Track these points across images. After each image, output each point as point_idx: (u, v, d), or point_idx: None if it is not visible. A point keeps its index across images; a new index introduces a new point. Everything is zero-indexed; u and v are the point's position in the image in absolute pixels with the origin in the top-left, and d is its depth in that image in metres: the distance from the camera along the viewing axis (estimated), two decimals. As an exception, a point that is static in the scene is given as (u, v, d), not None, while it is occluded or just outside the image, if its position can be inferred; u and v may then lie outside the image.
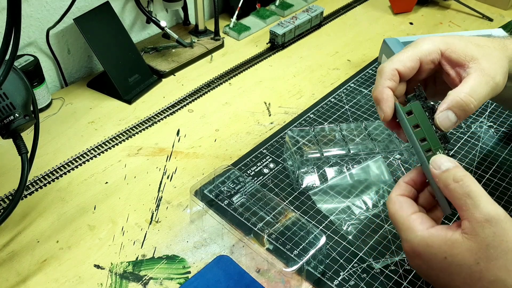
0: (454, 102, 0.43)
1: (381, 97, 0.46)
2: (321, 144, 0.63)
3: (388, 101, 0.45)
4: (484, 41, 0.48)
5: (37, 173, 0.65)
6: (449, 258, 0.40)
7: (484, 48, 0.47)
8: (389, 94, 0.46)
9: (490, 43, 0.48)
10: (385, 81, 0.46)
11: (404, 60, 0.46)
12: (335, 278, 0.52)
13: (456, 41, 0.47)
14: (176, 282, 0.52)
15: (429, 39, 0.48)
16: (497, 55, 0.47)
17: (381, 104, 0.46)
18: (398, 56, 0.47)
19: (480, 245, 0.39)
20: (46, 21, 0.78)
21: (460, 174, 0.41)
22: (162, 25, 0.86)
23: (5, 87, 0.51)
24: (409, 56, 0.46)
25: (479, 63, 0.45)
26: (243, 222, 0.55)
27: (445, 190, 0.42)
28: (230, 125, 0.75)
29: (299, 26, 0.95)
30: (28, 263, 0.54)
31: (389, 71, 0.46)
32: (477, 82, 0.43)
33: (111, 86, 0.79)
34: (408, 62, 0.46)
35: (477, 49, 0.46)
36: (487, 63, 0.45)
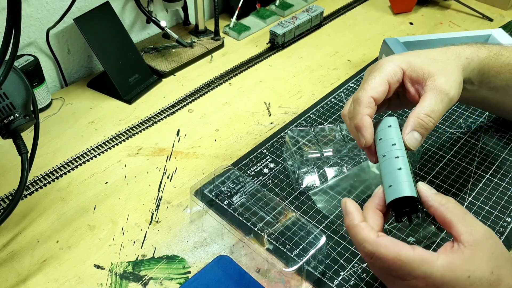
0: (416, 123, 0.48)
1: (362, 125, 0.48)
2: (321, 144, 0.63)
3: (369, 128, 0.48)
4: (439, 55, 0.52)
5: (37, 173, 0.65)
6: (472, 275, 0.40)
7: (439, 62, 0.51)
8: (369, 121, 0.48)
9: (444, 56, 0.52)
10: (364, 109, 0.48)
11: (377, 87, 0.49)
12: (335, 278, 0.52)
13: (414, 59, 0.51)
14: (176, 282, 0.52)
15: (391, 60, 0.51)
16: (451, 67, 0.51)
17: (362, 131, 0.48)
18: (370, 83, 0.50)
19: (488, 255, 0.40)
20: (46, 21, 0.78)
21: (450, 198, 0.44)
22: (162, 25, 0.86)
23: (5, 87, 0.51)
24: (380, 81, 0.50)
25: (435, 80, 0.49)
26: (243, 222, 0.55)
27: (441, 208, 0.43)
28: (230, 125, 0.75)
29: (299, 26, 0.95)
30: (28, 263, 0.54)
31: (366, 99, 0.49)
32: (433, 101, 0.48)
33: (111, 86, 0.79)
34: (380, 87, 0.49)
35: (433, 64, 0.50)
36: (442, 78, 0.49)
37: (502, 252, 0.41)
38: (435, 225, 0.57)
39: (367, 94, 0.49)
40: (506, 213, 0.59)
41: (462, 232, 0.41)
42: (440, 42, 0.85)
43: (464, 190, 0.62)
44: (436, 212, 0.43)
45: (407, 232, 0.56)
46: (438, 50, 0.54)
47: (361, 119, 0.48)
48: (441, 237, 0.56)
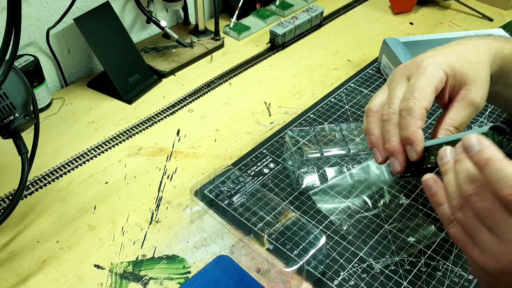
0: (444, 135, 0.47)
1: (415, 138, 0.45)
2: (321, 144, 0.63)
3: (421, 143, 0.45)
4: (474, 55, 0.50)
5: (37, 173, 0.65)
6: None
7: (475, 66, 0.49)
8: (421, 135, 0.46)
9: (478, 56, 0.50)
10: (417, 121, 0.46)
11: (429, 96, 0.47)
12: (335, 278, 0.52)
13: (454, 62, 0.49)
14: (176, 282, 0.52)
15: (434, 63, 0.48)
16: (484, 73, 0.50)
17: (414, 145, 0.45)
18: (422, 93, 0.47)
19: None
20: (46, 21, 0.78)
21: None
22: (162, 25, 0.86)
23: (5, 87, 0.51)
24: (431, 90, 0.47)
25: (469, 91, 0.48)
26: (243, 222, 0.55)
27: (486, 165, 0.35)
28: (230, 125, 0.75)
29: (299, 26, 0.95)
30: (28, 263, 0.54)
31: (419, 111, 0.46)
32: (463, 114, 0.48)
33: (111, 86, 0.79)
34: (431, 96, 0.47)
35: (470, 70, 0.49)
36: (475, 88, 0.48)
37: None
38: (435, 225, 0.57)
39: (421, 104, 0.46)
40: (506, 213, 0.59)
41: None
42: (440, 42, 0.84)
43: (464, 190, 0.62)
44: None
45: (407, 232, 0.56)
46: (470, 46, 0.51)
47: (414, 133, 0.45)
48: (441, 237, 0.56)
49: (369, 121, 0.50)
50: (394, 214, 0.59)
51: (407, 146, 0.46)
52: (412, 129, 0.46)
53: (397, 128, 0.47)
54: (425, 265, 0.53)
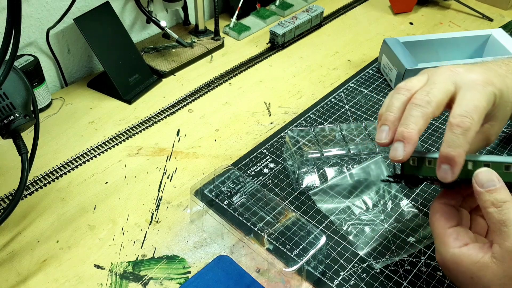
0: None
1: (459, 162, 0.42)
2: (321, 144, 0.63)
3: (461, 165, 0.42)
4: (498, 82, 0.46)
5: (37, 173, 0.65)
6: (476, 278, 0.40)
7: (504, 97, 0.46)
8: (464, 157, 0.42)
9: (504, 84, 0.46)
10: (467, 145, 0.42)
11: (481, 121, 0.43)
12: (335, 278, 0.52)
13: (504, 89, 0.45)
14: (176, 282, 0.52)
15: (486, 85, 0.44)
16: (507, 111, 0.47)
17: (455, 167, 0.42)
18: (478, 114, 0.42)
19: (506, 273, 0.39)
20: (46, 21, 0.78)
21: (500, 198, 0.40)
22: (162, 25, 0.86)
23: (5, 87, 0.51)
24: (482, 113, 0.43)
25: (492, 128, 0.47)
26: (243, 222, 0.55)
27: (483, 210, 0.41)
28: (230, 125, 0.75)
29: (299, 26, 0.95)
30: (28, 263, 0.54)
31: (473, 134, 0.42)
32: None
33: (111, 86, 0.79)
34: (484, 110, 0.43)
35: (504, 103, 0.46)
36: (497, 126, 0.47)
37: None
38: None
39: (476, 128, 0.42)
40: None
41: (493, 241, 0.40)
42: (440, 42, 0.85)
43: (464, 190, 0.62)
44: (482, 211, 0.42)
45: (407, 232, 0.56)
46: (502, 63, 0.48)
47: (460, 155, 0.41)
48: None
49: (397, 98, 0.46)
50: (394, 214, 0.59)
51: (443, 165, 0.42)
52: (459, 151, 0.41)
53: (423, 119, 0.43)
54: (425, 265, 0.53)
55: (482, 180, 0.41)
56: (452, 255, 0.42)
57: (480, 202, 0.41)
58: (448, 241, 0.42)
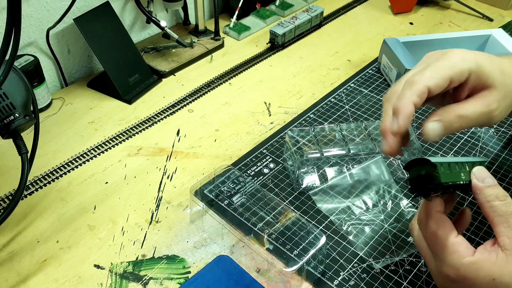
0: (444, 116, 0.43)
1: (402, 110, 0.43)
2: (321, 144, 0.63)
3: (408, 118, 0.43)
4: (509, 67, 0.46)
5: (37, 173, 0.65)
6: (498, 279, 0.40)
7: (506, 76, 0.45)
8: (411, 110, 0.43)
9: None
10: (413, 96, 0.43)
11: (438, 80, 0.43)
12: (335, 278, 0.52)
13: (486, 63, 0.45)
14: (176, 282, 0.52)
15: (463, 55, 0.45)
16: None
17: (399, 117, 0.43)
18: (432, 72, 0.43)
19: None
20: (46, 21, 0.78)
21: (502, 193, 0.41)
22: (162, 25, 0.86)
23: (5, 87, 0.51)
24: (443, 75, 0.43)
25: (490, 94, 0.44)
26: (243, 222, 0.55)
27: (485, 204, 0.41)
28: (230, 125, 0.75)
29: (299, 26, 0.95)
30: (28, 263, 0.54)
31: (421, 87, 0.43)
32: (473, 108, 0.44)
33: (111, 86, 0.79)
34: (440, 81, 0.43)
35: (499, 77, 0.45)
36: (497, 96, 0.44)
37: None
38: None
39: (426, 82, 0.43)
40: None
41: (501, 234, 0.41)
42: (440, 42, 0.85)
43: (464, 190, 0.62)
44: (481, 207, 0.42)
45: (407, 232, 0.56)
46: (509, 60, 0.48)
47: (404, 104, 0.42)
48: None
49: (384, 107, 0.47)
50: (394, 214, 0.59)
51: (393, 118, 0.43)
52: (404, 100, 0.42)
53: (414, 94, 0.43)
54: (425, 265, 0.53)
55: (482, 175, 0.42)
56: (470, 263, 0.41)
57: (482, 197, 0.41)
58: (461, 250, 0.41)
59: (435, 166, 0.40)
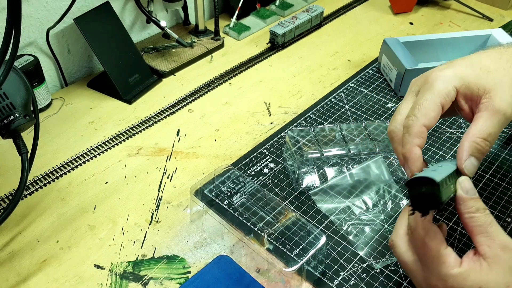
0: (473, 148, 0.44)
1: (410, 157, 0.46)
2: (321, 144, 0.63)
3: (417, 161, 0.46)
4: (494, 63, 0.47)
5: (37, 173, 0.65)
6: (484, 286, 0.41)
7: (494, 74, 0.46)
8: (418, 153, 0.46)
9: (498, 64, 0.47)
10: (414, 139, 0.45)
11: (429, 113, 0.46)
12: (335, 278, 0.52)
13: (467, 73, 0.47)
14: (176, 282, 0.52)
15: (441, 77, 0.47)
16: (508, 79, 0.46)
17: (409, 163, 0.46)
18: (422, 110, 0.46)
19: (504, 269, 0.41)
20: (46, 21, 0.78)
21: (482, 205, 0.43)
22: (162, 25, 0.86)
23: (5, 87, 0.51)
24: (433, 106, 0.46)
25: (491, 98, 0.45)
26: (243, 222, 0.55)
27: (466, 215, 0.43)
28: (230, 125, 0.75)
29: (299, 26, 0.95)
30: (28, 263, 0.54)
31: (417, 128, 0.45)
32: (489, 123, 0.45)
33: (111, 86, 0.79)
34: (432, 113, 0.46)
35: (488, 78, 0.46)
36: (498, 95, 0.45)
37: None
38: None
39: (419, 122, 0.46)
40: (506, 213, 0.59)
41: (481, 244, 0.42)
42: (440, 42, 0.85)
43: (464, 190, 0.62)
44: (461, 218, 0.44)
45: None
46: (491, 55, 0.49)
47: (409, 150, 0.46)
48: (441, 237, 0.56)
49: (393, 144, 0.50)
50: (394, 214, 0.59)
51: (405, 166, 0.47)
52: (408, 147, 0.46)
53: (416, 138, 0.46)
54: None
55: (467, 187, 0.44)
56: (458, 273, 0.42)
57: (464, 208, 0.43)
58: (449, 261, 0.42)
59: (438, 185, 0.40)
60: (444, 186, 0.42)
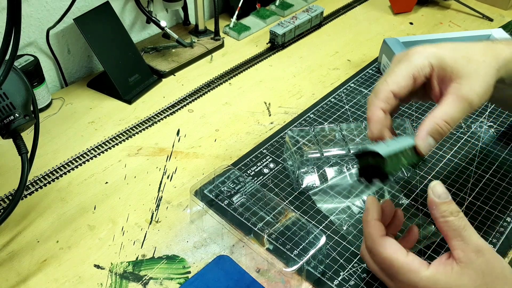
0: (432, 128, 0.45)
1: (371, 118, 0.47)
2: (321, 144, 0.63)
3: (378, 123, 0.47)
4: (478, 54, 0.48)
5: (37, 173, 0.65)
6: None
7: (473, 63, 0.47)
8: (380, 115, 0.47)
9: (483, 56, 0.48)
10: (379, 102, 0.47)
11: (399, 81, 0.47)
12: (335, 278, 0.52)
13: (448, 54, 0.47)
14: (176, 282, 0.52)
15: (421, 51, 0.48)
16: (485, 71, 0.47)
17: (370, 124, 0.47)
18: (393, 76, 0.47)
19: (477, 273, 0.41)
20: (46, 21, 0.78)
21: (455, 209, 0.44)
22: (162, 25, 0.86)
23: (5, 87, 0.51)
24: (404, 75, 0.47)
25: (461, 85, 0.46)
26: (243, 222, 0.55)
27: (439, 219, 0.44)
28: (230, 125, 0.75)
29: (299, 26, 0.95)
30: (28, 263, 0.54)
31: (385, 93, 0.47)
32: (453, 108, 0.45)
33: (111, 86, 0.79)
34: (403, 82, 0.47)
35: (465, 65, 0.47)
36: (469, 84, 0.46)
37: (493, 269, 0.42)
38: (435, 225, 0.57)
39: (388, 87, 0.47)
40: (506, 213, 0.59)
41: (455, 248, 0.43)
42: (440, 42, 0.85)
43: (464, 190, 0.62)
44: (436, 222, 0.45)
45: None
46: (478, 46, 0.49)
47: (372, 112, 0.47)
48: (441, 237, 0.56)
49: None
50: (394, 214, 0.59)
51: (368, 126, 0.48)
52: (372, 108, 0.47)
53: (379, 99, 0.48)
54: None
55: (439, 192, 0.44)
56: (427, 278, 0.42)
57: (437, 212, 0.44)
58: (416, 267, 0.43)
59: (383, 158, 0.43)
60: (393, 159, 0.44)
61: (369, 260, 0.48)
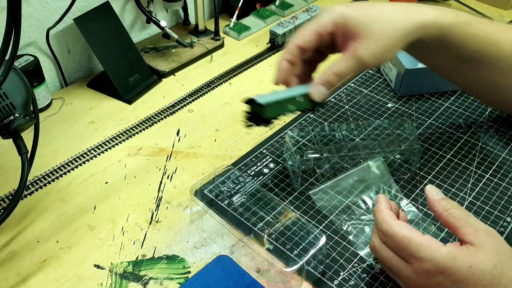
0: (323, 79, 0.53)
1: (277, 67, 0.55)
2: (321, 144, 0.63)
3: (282, 72, 0.55)
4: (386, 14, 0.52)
5: (37, 173, 0.65)
6: (473, 266, 0.42)
7: (379, 23, 0.51)
8: (284, 66, 0.54)
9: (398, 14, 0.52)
10: (285, 54, 0.54)
11: (304, 36, 0.53)
12: (335, 278, 0.52)
13: (353, 14, 0.52)
14: (176, 282, 0.52)
15: (329, 10, 0.53)
16: (389, 32, 0.51)
17: (276, 73, 0.55)
18: (300, 32, 0.54)
19: (492, 251, 0.43)
20: (46, 21, 0.78)
21: (453, 202, 0.47)
22: (162, 25, 0.87)
23: (5, 87, 0.51)
24: (309, 32, 0.53)
25: (357, 44, 0.51)
26: (243, 222, 0.55)
27: (444, 213, 0.46)
28: (230, 125, 0.75)
29: (299, 26, 0.95)
30: (28, 263, 0.54)
31: (290, 46, 0.54)
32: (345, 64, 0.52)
33: (111, 86, 0.79)
34: (307, 37, 0.53)
35: (368, 25, 0.51)
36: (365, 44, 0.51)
37: (505, 249, 0.44)
38: (435, 225, 0.57)
39: (293, 41, 0.54)
40: (506, 213, 0.59)
41: (466, 234, 0.44)
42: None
43: (464, 190, 0.62)
44: (441, 217, 0.46)
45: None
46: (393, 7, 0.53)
47: (278, 62, 0.54)
48: (441, 237, 0.56)
49: None
50: (394, 214, 0.59)
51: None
52: (279, 59, 0.54)
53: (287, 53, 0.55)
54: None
55: (434, 191, 0.48)
56: (448, 253, 0.43)
57: (440, 208, 0.46)
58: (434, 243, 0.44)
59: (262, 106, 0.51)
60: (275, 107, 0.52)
61: (382, 249, 0.47)
